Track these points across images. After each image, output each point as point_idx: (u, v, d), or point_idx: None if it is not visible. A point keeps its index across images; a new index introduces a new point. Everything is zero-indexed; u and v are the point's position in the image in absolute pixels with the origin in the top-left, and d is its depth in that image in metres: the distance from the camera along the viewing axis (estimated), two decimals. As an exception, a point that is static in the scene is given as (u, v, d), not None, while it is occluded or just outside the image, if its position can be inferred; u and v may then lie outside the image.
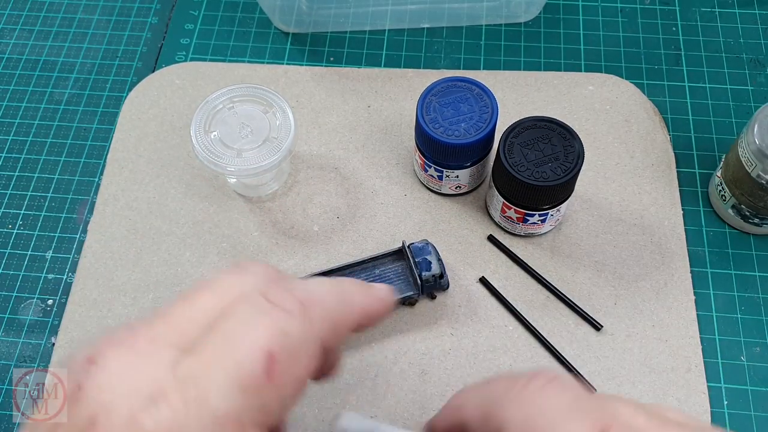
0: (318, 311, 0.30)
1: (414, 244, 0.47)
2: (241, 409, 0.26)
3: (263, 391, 0.27)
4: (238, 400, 0.26)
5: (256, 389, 0.27)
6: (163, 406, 0.26)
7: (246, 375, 0.27)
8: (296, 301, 0.29)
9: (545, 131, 0.45)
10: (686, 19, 0.60)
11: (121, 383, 0.27)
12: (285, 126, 0.48)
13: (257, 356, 0.27)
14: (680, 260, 0.49)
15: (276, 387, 0.27)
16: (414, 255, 0.46)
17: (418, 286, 0.45)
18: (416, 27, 0.60)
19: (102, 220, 0.52)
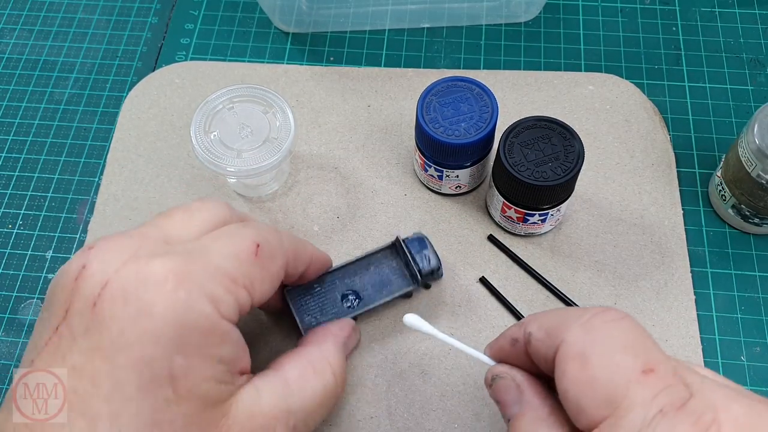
0: (286, 236, 0.38)
1: (408, 238, 0.46)
2: (235, 270, 0.33)
3: (251, 265, 0.34)
4: (234, 263, 0.33)
5: (246, 261, 0.34)
6: (169, 255, 0.32)
7: (239, 250, 0.34)
8: (269, 225, 0.38)
9: (545, 131, 0.45)
10: (686, 19, 0.60)
11: (123, 253, 0.32)
12: (285, 126, 0.48)
13: (247, 242, 0.35)
14: (680, 260, 0.49)
15: (260, 266, 0.35)
16: (411, 250, 0.45)
17: (416, 281, 0.45)
18: (416, 27, 0.60)
19: (102, 220, 0.51)
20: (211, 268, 0.32)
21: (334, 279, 0.45)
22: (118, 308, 0.30)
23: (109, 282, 0.31)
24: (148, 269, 0.31)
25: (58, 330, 0.31)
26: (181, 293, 0.31)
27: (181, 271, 0.31)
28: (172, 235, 0.35)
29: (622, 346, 0.29)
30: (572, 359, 0.30)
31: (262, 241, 0.35)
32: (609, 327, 0.30)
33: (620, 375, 0.28)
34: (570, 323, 0.31)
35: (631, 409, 0.27)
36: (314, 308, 0.44)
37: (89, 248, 0.33)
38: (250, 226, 0.36)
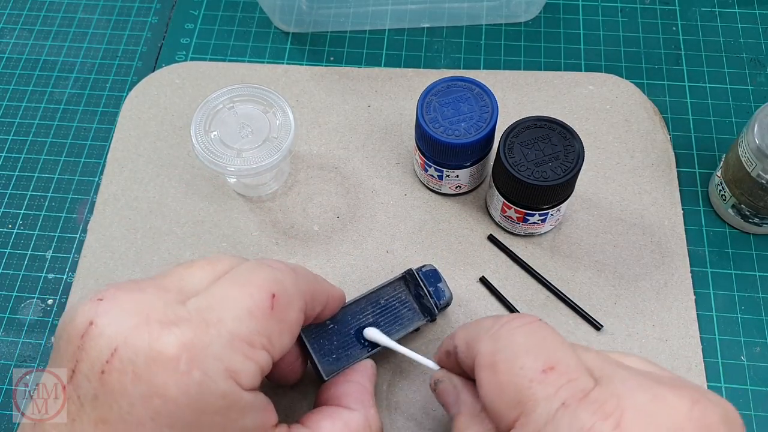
0: (302, 276, 0.36)
1: (421, 270, 0.45)
2: (252, 330, 0.31)
3: (268, 320, 0.32)
4: (249, 323, 0.31)
5: (262, 317, 0.31)
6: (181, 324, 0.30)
7: (254, 305, 0.31)
8: (285, 265, 0.35)
9: (545, 131, 0.45)
10: (686, 19, 0.60)
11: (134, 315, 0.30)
12: (285, 126, 0.48)
13: (262, 293, 0.32)
14: (680, 260, 0.49)
15: (277, 320, 0.32)
16: (426, 284, 0.44)
17: (429, 313, 0.44)
18: (416, 27, 0.60)
19: (102, 219, 0.51)
20: (226, 335, 0.30)
21: (346, 315, 0.43)
22: (128, 383, 0.29)
23: (117, 350, 0.29)
24: (159, 344, 0.29)
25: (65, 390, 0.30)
26: (196, 374, 0.29)
27: (195, 345, 0.29)
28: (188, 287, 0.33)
29: (525, 350, 0.31)
30: (484, 369, 0.32)
31: (277, 289, 0.33)
32: (514, 334, 0.32)
33: (523, 377, 0.30)
34: (482, 335, 0.33)
35: (535, 407, 0.29)
36: (331, 349, 0.42)
37: (98, 299, 0.31)
38: (263, 268, 0.33)
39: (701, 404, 0.28)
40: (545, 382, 0.30)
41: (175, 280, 0.33)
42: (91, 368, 0.29)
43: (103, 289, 0.31)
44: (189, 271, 0.33)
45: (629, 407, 0.28)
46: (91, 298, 0.31)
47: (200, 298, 0.31)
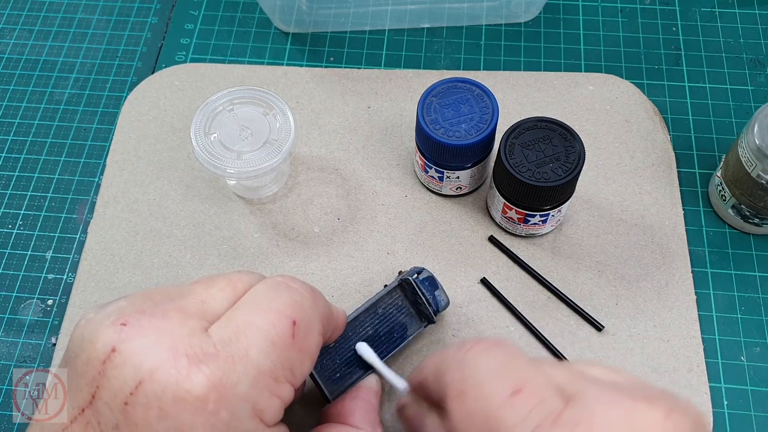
0: (319, 297, 0.35)
1: (418, 278, 0.44)
2: (276, 364, 0.30)
3: (290, 350, 0.31)
4: (273, 356, 0.30)
5: (284, 347, 0.31)
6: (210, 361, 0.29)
7: (276, 335, 0.31)
8: (304, 284, 0.34)
9: (546, 132, 0.45)
10: (686, 19, 0.60)
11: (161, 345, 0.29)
12: (285, 128, 0.48)
13: (284, 320, 0.31)
14: (681, 260, 0.49)
15: (298, 348, 0.32)
16: (424, 292, 0.43)
17: (427, 319, 0.44)
18: (416, 27, 0.60)
19: (102, 222, 0.51)
20: (253, 372, 0.29)
21: (347, 331, 0.42)
22: (152, 418, 0.28)
23: (142, 383, 0.28)
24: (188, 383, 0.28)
25: (84, 413, 0.29)
26: (224, 414, 0.29)
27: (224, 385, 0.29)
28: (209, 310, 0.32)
29: (490, 375, 0.31)
30: (453, 399, 0.31)
31: (298, 315, 0.32)
32: (478, 359, 0.32)
33: (491, 403, 0.29)
34: (449, 363, 0.33)
35: None
36: (334, 368, 0.41)
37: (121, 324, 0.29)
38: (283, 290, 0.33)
39: (674, 415, 0.27)
40: (514, 405, 0.29)
41: (196, 302, 0.32)
42: (113, 398, 0.28)
43: (125, 311, 0.30)
44: (209, 292, 0.33)
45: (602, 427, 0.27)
46: (112, 320, 0.30)
47: (223, 326, 0.31)
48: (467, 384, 0.31)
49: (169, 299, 0.32)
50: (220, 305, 0.32)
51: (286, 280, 0.34)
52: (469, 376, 0.31)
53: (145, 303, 0.31)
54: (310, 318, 0.33)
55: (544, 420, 0.28)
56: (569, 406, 0.28)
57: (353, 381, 0.40)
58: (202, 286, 0.33)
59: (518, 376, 0.30)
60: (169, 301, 0.32)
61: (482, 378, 0.31)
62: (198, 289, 0.33)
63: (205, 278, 0.34)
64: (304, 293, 0.33)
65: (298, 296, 0.33)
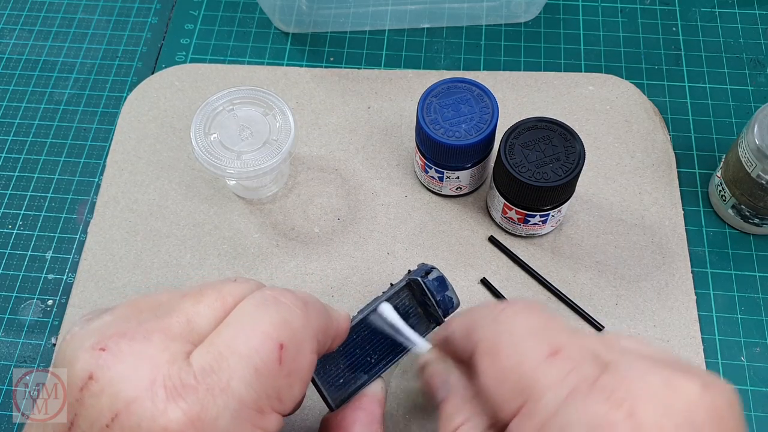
0: (313, 310, 0.32)
1: (427, 278, 0.41)
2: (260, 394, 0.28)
3: (276, 377, 0.29)
4: (257, 386, 0.28)
5: (270, 375, 0.29)
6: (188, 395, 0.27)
7: (261, 361, 0.28)
8: (297, 298, 0.32)
9: (546, 132, 0.45)
10: (686, 19, 0.60)
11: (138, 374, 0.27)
12: (285, 128, 0.48)
13: (268, 344, 0.29)
14: (681, 260, 0.49)
15: (286, 373, 0.29)
16: (434, 293, 0.40)
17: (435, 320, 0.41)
18: (416, 27, 0.60)
19: (102, 222, 0.51)
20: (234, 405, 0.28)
21: (352, 334, 0.39)
22: None
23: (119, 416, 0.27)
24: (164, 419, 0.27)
25: None
26: None
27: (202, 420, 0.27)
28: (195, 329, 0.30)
29: (527, 334, 0.30)
30: (485, 355, 0.30)
31: (286, 336, 0.29)
32: (514, 318, 0.31)
33: (527, 362, 0.29)
34: (481, 322, 0.32)
35: (542, 395, 0.27)
36: (337, 373, 0.39)
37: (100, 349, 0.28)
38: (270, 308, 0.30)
39: (711, 389, 0.27)
40: (551, 367, 0.28)
41: (182, 321, 0.30)
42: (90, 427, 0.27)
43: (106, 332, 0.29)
44: (196, 309, 0.31)
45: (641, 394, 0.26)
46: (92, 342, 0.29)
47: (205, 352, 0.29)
48: (501, 341, 0.30)
49: (154, 316, 0.30)
50: (207, 323, 0.30)
51: (276, 294, 0.31)
52: (504, 334, 0.30)
53: (128, 321, 0.30)
54: (300, 338, 0.30)
55: (580, 384, 0.27)
56: (606, 373, 0.27)
57: (357, 386, 0.39)
58: (190, 302, 0.31)
59: (555, 339, 0.29)
60: (155, 318, 0.30)
61: (518, 337, 0.30)
62: (185, 306, 0.31)
63: (196, 290, 0.32)
64: (295, 309, 0.31)
65: (287, 313, 0.30)
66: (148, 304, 0.31)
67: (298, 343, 0.30)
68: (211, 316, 0.30)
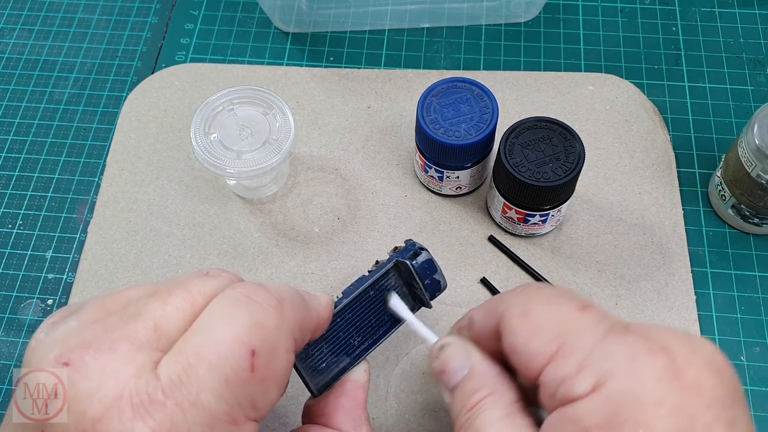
0: (289, 307, 0.30)
1: (416, 261, 0.39)
2: (232, 404, 0.27)
3: (248, 385, 0.27)
4: (228, 396, 0.27)
5: (242, 383, 0.27)
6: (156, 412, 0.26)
7: (231, 370, 0.27)
8: (270, 295, 0.30)
9: (546, 131, 0.45)
10: (686, 19, 0.60)
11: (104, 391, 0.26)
12: (285, 128, 0.48)
13: (239, 351, 0.27)
14: (681, 260, 0.49)
15: (259, 379, 0.28)
16: (422, 277, 0.39)
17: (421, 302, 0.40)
18: (416, 27, 0.60)
19: (102, 222, 0.51)
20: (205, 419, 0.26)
21: (335, 319, 0.37)
22: None
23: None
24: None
25: None
26: None
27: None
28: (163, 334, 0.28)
29: (557, 295, 0.31)
30: (515, 317, 0.31)
31: (258, 340, 0.28)
32: (541, 288, 0.32)
33: (562, 312, 0.30)
34: (506, 297, 0.33)
35: (579, 334, 0.28)
36: (321, 357, 0.37)
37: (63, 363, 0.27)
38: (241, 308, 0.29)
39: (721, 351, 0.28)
40: (586, 315, 0.29)
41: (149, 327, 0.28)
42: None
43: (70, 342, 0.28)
44: (164, 311, 0.29)
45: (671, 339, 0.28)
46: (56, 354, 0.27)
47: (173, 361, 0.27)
48: (533, 302, 0.31)
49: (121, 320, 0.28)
50: (176, 327, 0.29)
51: (248, 292, 0.29)
52: (535, 297, 0.31)
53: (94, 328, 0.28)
54: (274, 340, 0.29)
55: (615, 327, 0.28)
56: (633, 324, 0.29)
57: (340, 370, 0.37)
58: (157, 303, 0.29)
59: (583, 299, 0.30)
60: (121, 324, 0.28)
61: (549, 297, 0.31)
62: (153, 308, 0.29)
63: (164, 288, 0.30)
64: (268, 308, 0.29)
65: (260, 314, 0.29)
66: (117, 304, 0.30)
67: (271, 345, 0.28)
68: (180, 319, 0.29)
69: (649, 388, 0.26)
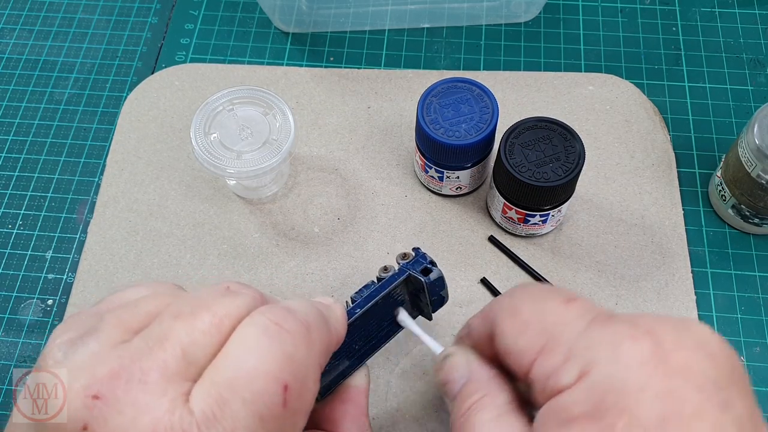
0: (317, 334, 0.30)
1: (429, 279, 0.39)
2: None
3: (280, 420, 0.27)
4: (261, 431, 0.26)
5: (274, 419, 0.27)
6: None
7: (265, 407, 0.26)
8: (299, 323, 0.29)
9: (546, 132, 0.45)
10: (686, 19, 0.60)
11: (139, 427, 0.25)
12: (285, 128, 0.48)
13: (273, 387, 0.27)
14: (681, 260, 0.49)
15: (291, 414, 0.27)
16: (432, 294, 0.39)
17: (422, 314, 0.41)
18: (416, 27, 0.60)
19: (102, 222, 0.51)
20: None
21: None
22: None
23: None
24: None
25: None
26: None
27: None
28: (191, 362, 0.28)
29: (544, 292, 0.31)
30: (505, 319, 0.31)
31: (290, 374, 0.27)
32: (528, 288, 0.32)
33: (547, 308, 0.30)
34: (497, 300, 0.33)
35: (564, 327, 0.29)
36: None
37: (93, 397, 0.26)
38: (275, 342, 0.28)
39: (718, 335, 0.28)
40: (569, 309, 0.29)
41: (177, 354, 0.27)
42: None
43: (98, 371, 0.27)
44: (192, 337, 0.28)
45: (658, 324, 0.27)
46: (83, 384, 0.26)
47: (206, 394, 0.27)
48: (521, 303, 0.31)
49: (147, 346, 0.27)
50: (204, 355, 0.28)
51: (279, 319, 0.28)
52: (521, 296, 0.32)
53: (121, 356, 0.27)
54: (304, 371, 0.28)
55: (599, 316, 0.28)
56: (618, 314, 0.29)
57: (340, 373, 0.37)
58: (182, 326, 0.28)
59: (569, 293, 0.31)
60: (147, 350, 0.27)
61: (535, 295, 0.31)
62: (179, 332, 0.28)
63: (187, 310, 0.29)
64: (298, 338, 0.28)
65: (291, 346, 0.28)
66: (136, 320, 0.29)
67: (303, 378, 0.28)
68: (208, 344, 0.28)
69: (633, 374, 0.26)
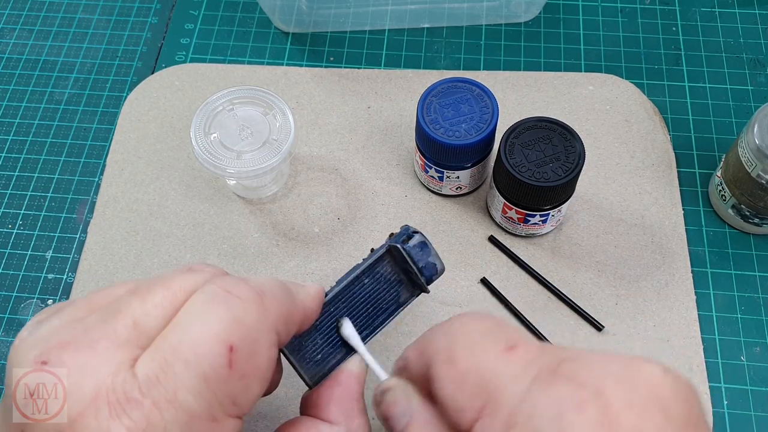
0: (271, 300, 0.30)
1: (408, 244, 0.37)
2: (211, 402, 0.27)
3: (227, 381, 0.27)
4: (206, 394, 0.26)
5: (220, 380, 0.27)
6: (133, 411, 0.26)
7: (209, 367, 0.26)
8: (251, 290, 0.29)
9: (546, 131, 0.45)
10: (686, 19, 0.60)
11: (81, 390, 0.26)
12: (285, 128, 0.48)
13: (217, 348, 0.27)
14: (681, 260, 0.49)
15: (239, 376, 0.27)
16: (414, 259, 0.37)
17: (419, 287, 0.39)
18: (416, 27, 0.60)
19: (102, 222, 0.51)
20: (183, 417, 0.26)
21: (329, 308, 0.37)
22: None
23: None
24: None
25: None
26: None
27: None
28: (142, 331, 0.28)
29: (481, 335, 0.29)
30: (441, 364, 0.29)
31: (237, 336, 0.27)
32: (466, 325, 0.30)
33: (485, 360, 0.28)
34: (434, 336, 0.31)
35: (504, 389, 0.27)
36: (315, 349, 0.36)
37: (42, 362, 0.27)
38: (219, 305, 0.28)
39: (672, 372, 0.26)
40: (510, 361, 0.27)
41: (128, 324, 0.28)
42: None
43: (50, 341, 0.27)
44: (144, 308, 0.28)
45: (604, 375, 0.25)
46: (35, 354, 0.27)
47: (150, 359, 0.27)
48: (457, 347, 0.29)
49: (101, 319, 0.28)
50: (155, 324, 0.28)
51: (228, 286, 0.29)
52: (459, 340, 0.29)
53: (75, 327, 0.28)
54: (254, 335, 0.28)
55: (542, 372, 0.26)
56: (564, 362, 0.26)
57: (337, 361, 0.36)
58: (137, 300, 0.29)
59: (510, 336, 0.29)
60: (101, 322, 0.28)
61: (473, 340, 0.29)
62: (133, 305, 0.29)
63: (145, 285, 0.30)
64: (248, 304, 0.29)
65: (239, 310, 0.28)
66: (103, 301, 0.30)
67: (251, 341, 0.28)
68: (160, 316, 0.28)
69: None
